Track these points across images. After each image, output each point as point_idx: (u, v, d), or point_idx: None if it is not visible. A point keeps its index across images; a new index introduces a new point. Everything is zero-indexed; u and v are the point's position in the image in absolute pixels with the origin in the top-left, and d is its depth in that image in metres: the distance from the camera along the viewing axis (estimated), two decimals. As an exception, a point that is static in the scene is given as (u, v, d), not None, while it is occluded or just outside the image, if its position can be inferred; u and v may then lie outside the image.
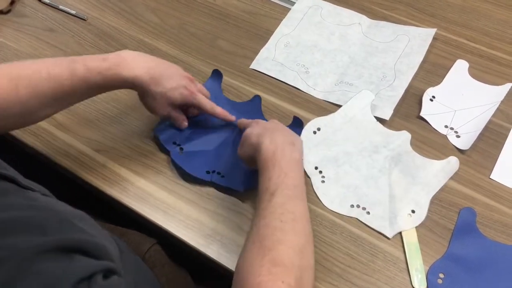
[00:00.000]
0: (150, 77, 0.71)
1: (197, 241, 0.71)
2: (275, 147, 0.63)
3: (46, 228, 0.42)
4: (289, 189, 0.59)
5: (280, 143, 0.64)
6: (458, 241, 0.71)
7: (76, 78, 0.65)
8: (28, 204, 0.45)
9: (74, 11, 1.00)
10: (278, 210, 0.56)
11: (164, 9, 1.01)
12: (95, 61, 0.67)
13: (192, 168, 0.76)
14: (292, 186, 0.60)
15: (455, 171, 0.77)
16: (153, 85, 0.71)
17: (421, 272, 0.68)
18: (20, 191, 0.47)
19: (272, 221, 0.55)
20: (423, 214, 0.73)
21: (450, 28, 0.97)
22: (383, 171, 0.77)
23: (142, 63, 0.71)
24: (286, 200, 0.58)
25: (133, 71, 0.69)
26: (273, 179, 0.60)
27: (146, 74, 0.70)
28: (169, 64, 0.75)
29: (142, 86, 0.71)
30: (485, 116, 0.82)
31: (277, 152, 0.63)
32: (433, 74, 0.90)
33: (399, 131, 0.81)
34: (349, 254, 0.70)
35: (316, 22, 0.98)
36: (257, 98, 0.86)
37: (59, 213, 0.47)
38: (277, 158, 0.62)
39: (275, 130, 0.68)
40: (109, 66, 0.68)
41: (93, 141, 0.81)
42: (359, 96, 0.84)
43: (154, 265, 0.72)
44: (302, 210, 0.58)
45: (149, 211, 0.74)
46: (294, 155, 0.64)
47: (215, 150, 0.79)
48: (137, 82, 0.70)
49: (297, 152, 0.65)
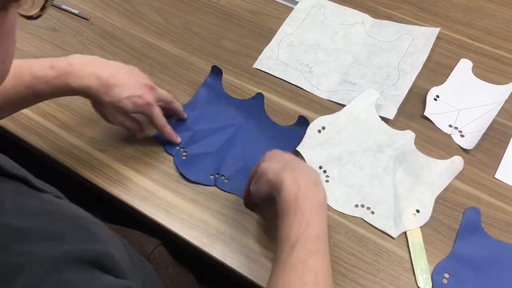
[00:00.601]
0: (100, 86, 0.67)
1: (202, 241, 0.71)
2: (297, 189, 0.57)
3: (64, 235, 0.41)
4: (311, 241, 0.54)
5: (303, 183, 0.58)
6: (463, 241, 0.71)
7: (22, 86, 0.63)
8: (43, 208, 0.44)
9: (77, 11, 1.00)
10: (299, 267, 0.52)
11: (168, 9, 1.01)
12: (42, 69, 0.64)
13: (195, 175, 0.76)
14: (315, 237, 0.55)
15: (460, 170, 0.77)
16: (103, 94, 0.67)
17: (426, 272, 0.68)
18: (33, 193, 0.46)
19: (292, 281, 0.52)
20: (428, 214, 0.73)
21: (453, 27, 0.96)
22: (388, 170, 0.77)
23: (92, 70, 0.67)
24: (308, 255, 0.53)
25: (81, 81, 0.66)
26: (294, 228, 0.55)
27: (96, 83, 0.66)
28: (126, 71, 0.71)
29: (92, 95, 0.67)
30: (490, 116, 0.82)
31: (299, 195, 0.57)
32: (437, 73, 0.90)
33: (403, 130, 0.81)
34: (354, 254, 0.70)
35: (319, 21, 0.98)
36: (260, 95, 0.86)
37: (74, 218, 0.46)
38: (299, 203, 0.56)
39: (295, 166, 0.62)
40: (56, 74, 0.65)
41: (97, 141, 0.81)
42: (363, 94, 0.83)
43: (158, 266, 0.72)
44: (325, 268, 0.54)
45: (152, 210, 0.74)
46: (318, 198, 0.59)
47: (218, 151, 0.79)
48: (87, 92, 0.67)
49: (321, 193, 0.60)
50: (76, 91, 0.66)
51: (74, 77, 0.65)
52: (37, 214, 0.42)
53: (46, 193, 0.48)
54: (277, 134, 0.81)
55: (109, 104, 0.69)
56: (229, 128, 0.81)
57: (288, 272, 0.52)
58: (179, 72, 0.90)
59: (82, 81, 0.66)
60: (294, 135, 0.80)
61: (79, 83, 0.66)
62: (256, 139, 0.81)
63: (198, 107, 0.84)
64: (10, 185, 0.44)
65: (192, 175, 0.76)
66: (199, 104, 0.85)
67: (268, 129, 0.82)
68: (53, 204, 0.46)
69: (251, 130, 0.82)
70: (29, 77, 0.63)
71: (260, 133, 0.82)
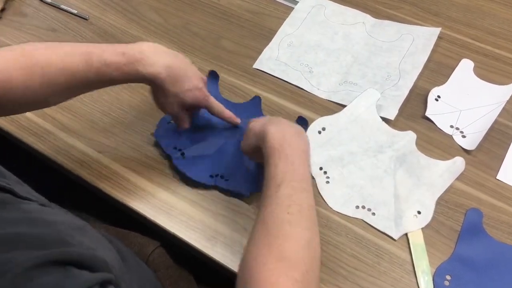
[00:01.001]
0: (168, 76, 0.68)
1: (201, 243, 0.70)
2: (282, 136, 0.61)
3: (45, 242, 0.41)
4: (296, 181, 0.58)
5: (288, 133, 0.62)
6: (465, 242, 0.70)
7: (92, 71, 0.64)
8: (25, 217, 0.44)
9: (76, 11, 0.99)
10: (285, 202, 0.55)
11: (167, 9, 1.01)
12: (113, 56, 0.65)
13: (195, 174, 0.76)
14: (299, 178, 0.58)
15: (461, 171, 0.77)
16: (170, 84, 0.69)
17: (428, 274, 0.68)
18: (17, 203, 0.46)
19: (279, 213, 0.54)
20: (429, 215, 0.72)
21: (454, 27, 0.96)
22: (388, 171, 0.76)
23: (163, 59, 0.68)
24: (293, 192, 0.56)
25: (152, 68, 0.66)
26: (280, 168, 0.58)
27: (165, 72, 0.67)
28: (188, 63, 0.73)
29: (159, 84, 0.68)
30: (491, 116, 0.82)
31: (284, 141, 0.61)
32: (438, 73, 0.89)
33: (404, 131, 0.80)
34: (355, 256, 0.70)
35: (319, 21, 0.98)
36: (257, 98, 0.85)
37: (57, 225, 0.45)
38: (284, 147, 0.60)
39: (281, 120, 0.66)
40: (127, 61, 0.65)
41: (96, 142, 0.80)
42: (364, 94, 0.83)
43: (158, 268, 0.71)
44: (309, 202, 0.57)
45: (152, 212, 0.73)
46: (302, 146, 0.62)
47: (217, 152, 0.78)
48: (155, 80, 0.67)
49: (304, 143, 0.63)
50: (145, 78, 0.67)
51: (145, 65, 0.66)
52: (17, 223, 0.42)
53: (31, 201, 0.48)
54: None
55: (172, 95, 0.70)
56: (227, 130, 0.81)
57: (275, 205, 0.55)
58: (178, 72, 0.90)
59: (152, 68, 0.66)
60: None
61: (149, 70, 0.66)
62: None
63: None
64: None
65: (192, 174, 0.76)
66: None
67: None
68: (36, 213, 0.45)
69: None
70: (100, 63, 0.64)
71: None
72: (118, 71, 0.65)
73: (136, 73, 0.66)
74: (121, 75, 0.65)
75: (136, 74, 0.66)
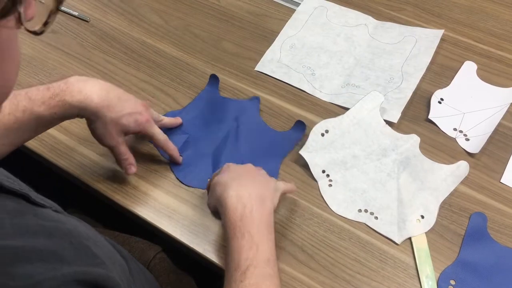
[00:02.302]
0: (101, 101, 0.63)
1: (203, 247, 0.70)
2: (242, 208, 0.58)
3: (63, 256, 0.40)
4: (261, 266, 0.55)
5: (248, 201, 0.59)
6: (469, 246, 0.70)
7: (19, 112, 0.60)
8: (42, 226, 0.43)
9: (77, 13, 0.99)
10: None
11: (168, 11, 1.00)
12: (38, 92, 0.61)
13: (192, 180, 0.75)
14: (264, 262, 0.56)
15: (465, 176, 0.76)
16: (105, 109, 0.64)
17: (432, 278, 0.67)
18: (32, 209, 0.45)
19: None
20: (433, 220, 0.72)
21: (457, 29, 0.95)
22: (392, 175, 0.76)
23: (90, 86, 0.64)
24: (258, 280, 0.54)
25: (80, 95, 0.62)
26: (244, 253, 0.55)
27: (97, 98, 0.63)
28: (121, 90, 0.68)
29: (93, 111, 0.63)
30: (495, 119, 0.81)
31: (245, 215, 0.57)
32: (441, 76, 0.89)
33: (407, 134, 0.80)
34: (358, 260, 0.69)
35: (321, 23, 0.97)
36: (256, 99, 0.85)
37: (73, 235, 0.44)
38: (246, 225, 0.57)
39: (243, 179, 0.62)
40: (52, 94, 0.61)
41: (97, 146, 0.79)
42: (368, 97, 0.82)
43: (159, 274, 0.71)
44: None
45: (153, 216, 0.73)
46: (265, 218, 0.59)
47: (213, 154, 0.78)
48: (88, 107, 0.63)
49: (267, 211, 0.60)
50: (75, 107, 0.63)
51: (72, 93, 0.62)
52: (35, 233, 0.41)
53: (45, 207, 0.47)
54: (271, 138, 0.81)
55: (110, 121, 0.65)
56: (223, 131, 0.81)
57: None
58: (179, 74, 0.89)
59: (80, 95, 0.62)
60: (288, 139, 0.80)
61: (77, 98, 0.62)
62: (250, 141, 0.80)
63: (194, 111, 0.84)
64: (9, 202, 0.43)
65: (189, 181, 0.75)
66: (195, 109, 0.84)
67: (262, 131, 0.82)
68: (52, 221, 0.45)
69: (245, 133, 0.81)
70: (25, 101, 0.60)
71: (254, 135, 0.81)
72: (44, 105, 0.61)
73: (64, 105, 0.62)
74: (48, 109, 0.61)
75: (64, 105, 0.62)
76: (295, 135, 0.81)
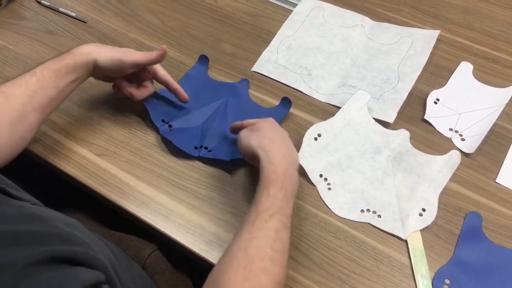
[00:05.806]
0: (102, 46, 0.73)
1: (199, 246, 0.70)
2: (286, 167, 0.63)
3: (44, 238, 0.42)
4: (285, 216, 0.60)
5: (291, 165, 0.65)
6: (464, 246, 0.70)
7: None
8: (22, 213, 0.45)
9: (74, 14, 0.99)
10: (272, 236, 0.57)
11: (165, 11, 1.00)
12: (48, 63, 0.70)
13: (181, 143, 0.78)
14: (288, 214, 0.61)
15: (458, 164, 0.77)
16: (108, 49, 0.73)
17: (427, 278, 0.67)
18: (11, 201, 0.47)
19: (264, 247, 0.56)
20: (434, 211, 0.72)
21: (453, 29, 0.96)
22: (388, 172, 0.76)
23: (94, 46, 0.73)
24: (281, 227, 0.59)
25: (85, 48, 0.72)
26: (277, 200, 0.60)
27: (96, 46, 0.73)
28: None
29: (98, 55, 0.71)
30: (490, 119, 0.81)
31: (287, 173, 0.63)
32: (437, 76, 0.89)
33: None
34: (353, 260, 0.69)
35: (318, 24, 0.98)
36: (245, 80, 0.88)
37: (53, 221, 0.46)
38: (286, 181, 0.62)
39: (288, 143, 0.68)
40: (58, 58, 0.70)
41: (94, 145, 0.80)
42: (354, 97, 0.82)
43: (154, 272, 0.71)
44: (289, 241, 0.60)
45: (150, 215, 0.73)
46: (296, 183, 0.65)
47: (202, 125, 0.81)
48: (91, 53, 0.71)
49: (297, 179, 0.66)
50: (82, 54, 0.70)
51: (77, 50, 0.71)
52: (15, 219, 0.42)
53: (23, 201, 0.49)
54: (259, 113, 0.83)
55: (119, 55, 0.72)
56: (213, 104, 0.83)
57: (261, 236, 0.57)
58: (176, 75, 0.89)
59: (85, 47, 0.72)
60: (275, 114, 0.82)
61: (82, 49, 0.71)
62: (239, 115, 0.82)
63: (184, 85, 0.84)
64: None
65: (178, 142, 0.78)
66: (186, 83, 0.86)
67: (251, 107, 0.85)
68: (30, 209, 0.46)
69: (234, 107, 0.84)
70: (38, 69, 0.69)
71: (243, 110, 0.84)
72: (55, 62, 0.70)
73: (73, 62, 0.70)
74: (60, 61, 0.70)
75: (74, 62, 0.70)
76: (282, 111, 0.83)
